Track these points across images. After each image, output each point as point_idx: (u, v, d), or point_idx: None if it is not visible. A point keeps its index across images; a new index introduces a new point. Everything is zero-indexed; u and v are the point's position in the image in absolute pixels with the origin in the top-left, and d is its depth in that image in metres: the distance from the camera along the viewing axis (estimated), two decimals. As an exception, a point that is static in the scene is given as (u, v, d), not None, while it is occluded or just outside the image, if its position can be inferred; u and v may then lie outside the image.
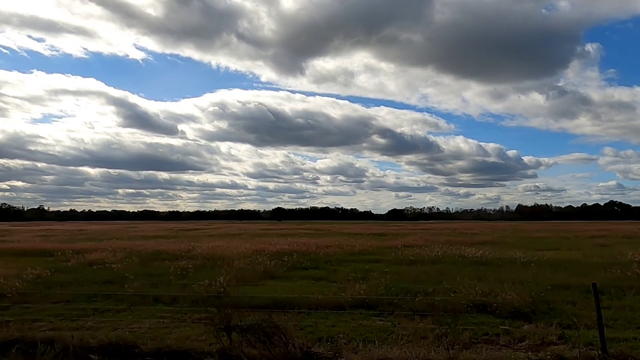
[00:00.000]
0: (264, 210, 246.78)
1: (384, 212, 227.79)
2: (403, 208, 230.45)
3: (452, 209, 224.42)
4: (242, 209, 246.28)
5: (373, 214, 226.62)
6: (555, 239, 33.99)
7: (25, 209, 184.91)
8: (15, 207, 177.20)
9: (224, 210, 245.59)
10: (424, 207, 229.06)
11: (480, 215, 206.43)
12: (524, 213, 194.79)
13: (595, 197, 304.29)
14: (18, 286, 11.83)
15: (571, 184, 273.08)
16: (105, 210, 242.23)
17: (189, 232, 48.53)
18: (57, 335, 7.68)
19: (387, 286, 11.88)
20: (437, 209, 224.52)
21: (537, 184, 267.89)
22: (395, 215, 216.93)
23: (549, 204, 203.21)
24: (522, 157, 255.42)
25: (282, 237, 35.32)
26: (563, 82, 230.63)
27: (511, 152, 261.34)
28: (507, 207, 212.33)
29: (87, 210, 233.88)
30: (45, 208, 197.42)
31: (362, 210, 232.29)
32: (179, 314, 9.80)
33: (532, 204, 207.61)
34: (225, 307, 7.40)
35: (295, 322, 8.43)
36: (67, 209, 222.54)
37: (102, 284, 13.04)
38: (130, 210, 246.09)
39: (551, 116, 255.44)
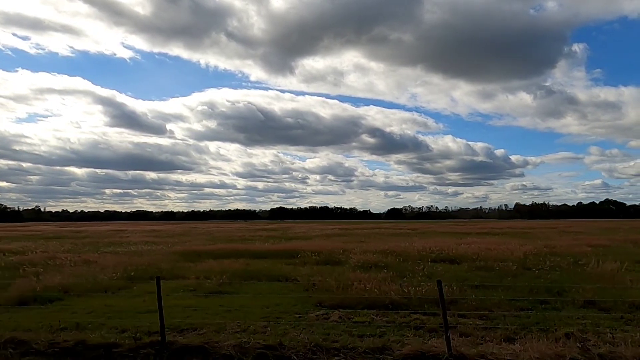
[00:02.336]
0: (261, 210, 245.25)
1: (381, 212, 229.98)
2: (401, 207, 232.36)
3: (450, 207, 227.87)
4: (237, 209, 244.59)
5: (372, 213, 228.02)
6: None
7: (21, 209, 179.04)
8: (10, 207, 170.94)
9: (220, 210, 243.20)
10: (423, 207, 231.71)
11: (478, 214, 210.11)
12: (522, 212, 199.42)
13: (581, 195, 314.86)
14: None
15: (557, 182, 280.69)
16: (98, 211, 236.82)
17: (290, 232, 47.51)
18: None
19: None
20: (436, 207, 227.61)
21: (524, 183, 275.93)
22: (394, 214, 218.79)
23: (546, 203, 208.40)
24: (510, 157, 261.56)
25: (415, 237, 35.07)
26: (550, 82, 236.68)
27: (499, 152, 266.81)
28: (505, 205, 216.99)
29: (79, 211, 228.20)
30: (46, 209, 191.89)
31: (361, 210, 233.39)
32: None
33: (518, 203, 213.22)
34: None
35: None
36: (53, 209, 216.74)
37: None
38: (123, 211, 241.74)
39: (538, 115, 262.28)
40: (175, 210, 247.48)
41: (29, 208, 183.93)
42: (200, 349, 7.80)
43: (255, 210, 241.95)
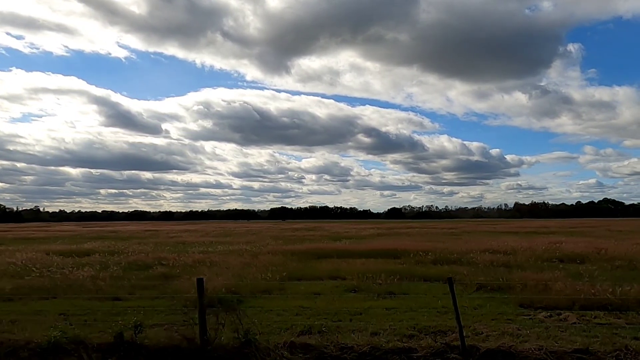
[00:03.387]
0: (260, 210, 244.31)
1: (380, 212, 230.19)
2: (401, 207, 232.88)
3: (450, 207, 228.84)
4: (235, 208, 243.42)
5: (372, 213, 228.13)
6: None
7: (19, 209, 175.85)
8: (8, 208, 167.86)
9: (219, 210, 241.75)
10: (423, 206, 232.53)
11: (478, 213, 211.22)
12: (522, 211, 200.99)
13: (575, 195, 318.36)
14: None
15: (552, 182, 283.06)
16: (95, 211, 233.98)
17: (330, 232, 47.07)
18: None
19: None
20: (436, 207, 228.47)
21: (519, 182, 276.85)
22: (394, 214, 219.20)
23: (545, 202, 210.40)
24: (505, 156, 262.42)
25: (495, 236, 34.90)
26: (545, 82, 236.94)
27: (494, 151, 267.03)
28: (505, 204, 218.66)
29: (76, 211, 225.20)
30: (41, 209, 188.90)
31: (361, 210, 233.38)
32: None
33: (517, 202, 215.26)
34: None
35: None
36: (49, 210, 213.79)
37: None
38: (120, 211, 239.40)
39: (533, 115, 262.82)
40: (173, 211, 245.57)
41: (27, 208, 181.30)
42: (506, 354, 7.44)
43: (255, 210, 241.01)
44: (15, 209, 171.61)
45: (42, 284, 13.63)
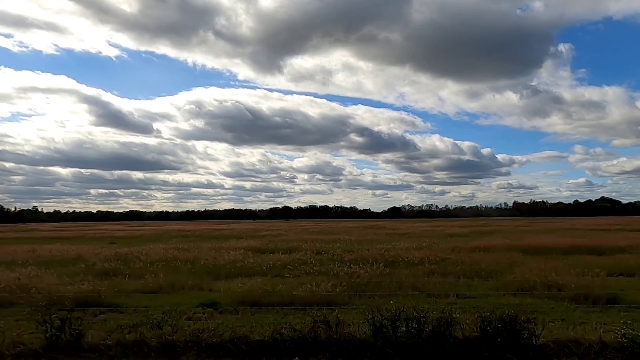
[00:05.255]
0: (260, 209, 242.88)
1: (379, 211, 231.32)
2: (400, 206, 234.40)
3: (451, 206, 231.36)
4: (233, 208, 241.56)
5: (372, 212, 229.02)
6: None
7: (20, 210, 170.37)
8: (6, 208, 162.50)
9: (217, 210, 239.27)
10: (423, 205, 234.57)
11: (479, 212, 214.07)
12: (522, 210, 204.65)
13: (565, 194, 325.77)
14: None
15: (542, 181, 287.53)
16: (90, 212, 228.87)
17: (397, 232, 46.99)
18: None
19: None
20: (436, 206, 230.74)
21: (510, 182, 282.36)
22: (394, 213, 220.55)
23: (544, 201, 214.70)
24: (496, 155, 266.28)
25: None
26: (536, 82, 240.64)
27: (485, 150, 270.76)
28: (505, 203, 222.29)
29: (70, 212, 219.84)
30: (32, 209, 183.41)
31: (361, 209, 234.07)
32: None
33: (516, 201, 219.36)
34: None
35: None
36: (44, 210, 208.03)
37: None
38: (115, 211, 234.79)
39: (524, 115, 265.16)
40: (163, 210, 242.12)
41: (27, 209, 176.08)
42: None
43: (255, 210, 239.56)
44: (14, 209, 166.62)
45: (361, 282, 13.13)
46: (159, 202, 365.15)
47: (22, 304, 10.45)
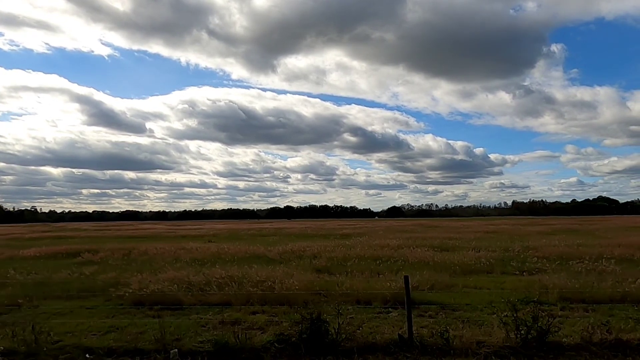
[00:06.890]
0: (259, 209, 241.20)
1: (378, 210, 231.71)
2: (400, 206, 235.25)
3: (451, 205, 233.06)
4: (231, 208, 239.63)
5: (372, 212, 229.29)
6: None
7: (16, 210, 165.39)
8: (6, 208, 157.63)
9: (215, 210, 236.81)
10: (423, 204, 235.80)
11: (480, 212, 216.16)
12: (521, 209, 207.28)
13: (557, 193, 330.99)
14: None
15: (535, 180, 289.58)
16: (87, 212, 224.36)
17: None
18: None
19: None
20: (436, 205, 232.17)
21: (502, 181, 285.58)
22: (394, 212, 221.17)
23: (543, 200, 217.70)
24: (489, 155, 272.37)
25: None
26: (529, 82, 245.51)
27: (478, 150, 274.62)
28: (505, 202, 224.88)
29: (66, 212, 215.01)
30: (38, 209, 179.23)
31: (361, 209, 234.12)
32: None
33: (515, 200, 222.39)
34: None
35: None
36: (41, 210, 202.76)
37: None
38: (112, 211, 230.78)
39: (517, 115, 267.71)
40: (156, 210, 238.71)
41: (27, 209, 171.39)
42: None
43: (254, 210, 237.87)
44: (13, 209, 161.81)
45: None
46: (152, 202, 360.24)
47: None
